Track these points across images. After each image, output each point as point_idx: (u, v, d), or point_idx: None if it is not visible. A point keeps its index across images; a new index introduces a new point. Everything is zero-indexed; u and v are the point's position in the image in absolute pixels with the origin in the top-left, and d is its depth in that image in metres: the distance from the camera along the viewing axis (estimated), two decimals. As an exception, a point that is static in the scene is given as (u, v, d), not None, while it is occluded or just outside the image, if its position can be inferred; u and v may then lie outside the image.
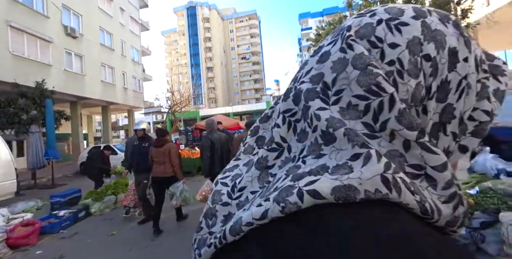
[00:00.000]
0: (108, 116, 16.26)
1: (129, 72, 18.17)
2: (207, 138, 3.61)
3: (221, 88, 52.98)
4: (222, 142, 3.64)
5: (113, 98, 15.70)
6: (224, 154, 3.61)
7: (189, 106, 24.24)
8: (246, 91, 59.71)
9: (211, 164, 3.47)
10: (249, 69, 60.00)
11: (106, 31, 15.32)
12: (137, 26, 20.05)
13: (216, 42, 53.75)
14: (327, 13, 36.35)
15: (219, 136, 3.69)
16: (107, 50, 15.43)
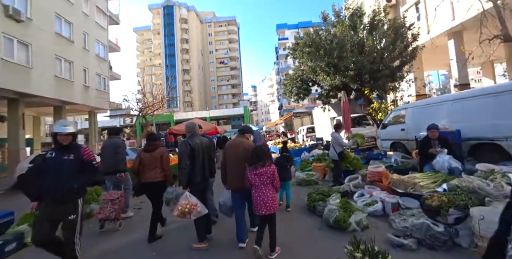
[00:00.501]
0: (62, 118, 13.88)
1: (92, 68, 16.06)
2: (187, 143, 3.10)
3: (198, 92, 51.06)
4: (204, 148, 3.22)
5: (70, 97, 13.54)
6: (206, 162, 3.22)
7: (162, 109, 22.32)
8: (224, 96, 58.49)
9: (191, 173, 3.03)
10: (227, 73, 59.05)
11: (64, 19, 13.26)
12: (104, 18, 18.06)
13: (194, 45, 52.11)
14: (302, 26, 39.59)
15: (200, 141, 3.23)
16: (65, 41, 13.33)
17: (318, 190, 4.29)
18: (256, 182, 2.63)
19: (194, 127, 3.32)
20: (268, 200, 2.59)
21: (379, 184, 4.34)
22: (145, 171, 3.45)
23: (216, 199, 3.72)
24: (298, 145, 10.87)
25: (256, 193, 2.64)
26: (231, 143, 3.30)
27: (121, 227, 3.94)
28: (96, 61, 16.61)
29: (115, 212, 3.76)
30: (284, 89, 14.20)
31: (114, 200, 3.84)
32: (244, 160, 2.88)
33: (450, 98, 5.67)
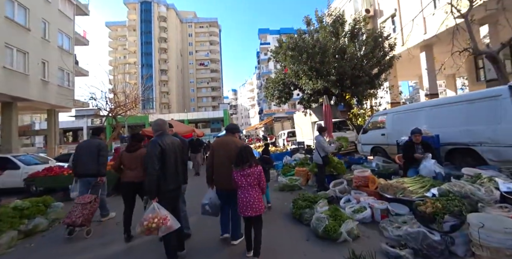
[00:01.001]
0: (12, 116, 12.19)
1: (53, 61, 14.54)
2: (156, 143, 2.62)
3: (176, 93, 49.40)
4: (176, 149, 2.80)
5: (24, 93, 11.93)
6: (179, 166, 2.82)
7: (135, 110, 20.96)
8: (203, 98, 57.26)
9: (162, 179, 2.59)
10: (207, 76, 58.07)
11: (17, 3, 11.70)
12: (70, 7, 16.59)
13: (173, 44, 50.58)
14: (284, 32, 40.79)
15: (172, 141, 2.79)
16: (17, 28, 11.75)
17: (303, 196, 4.05)
18: (242, 183, 2.58)
19: (164, 124, 2.86)
20: (254, 202, 2.55)
21: (366, 189, 4.22)
22: (126, 171, 3.45)
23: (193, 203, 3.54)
24: (280, 149, 10.70)
25: (242, 195, 2.59)
26: (220, 142, 3.14)
27: (89, 236, 3.59)
28: (59, 54, 15.03)
29: (83, 217, 3.45)
30: (266, 92, 14.07)
31: (85, 204, 3.56)
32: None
33: (428, 104, 5.85)
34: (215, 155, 3.05)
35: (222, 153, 3.00)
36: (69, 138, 39.22)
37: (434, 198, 2.87)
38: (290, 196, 5.24)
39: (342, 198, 4.25)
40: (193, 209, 3.84)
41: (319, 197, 3.94)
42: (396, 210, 3.29)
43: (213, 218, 3.17)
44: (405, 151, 4.69)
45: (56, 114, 16.72)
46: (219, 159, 3.00)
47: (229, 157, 2.91)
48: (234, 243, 3.01)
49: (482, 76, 13.21)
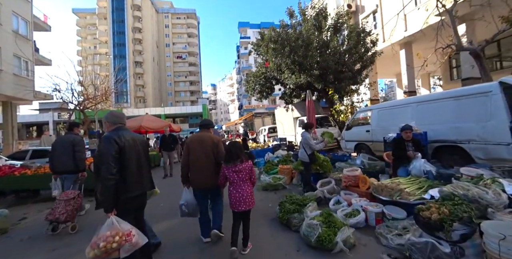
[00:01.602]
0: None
1: (7, 47, 12.77)
2: (111, 140, 2.08)
3: (152, 87, 46.78)
4: (139, 147, 2.29)
5: (-32, 82, 10.26)
6: (144, 167, 2.31)
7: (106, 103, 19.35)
8: (181, 93, 54.99)
9: (121, 185, 2.04)
10: (185, 69, 55.75)
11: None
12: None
13: (148, 35, 47.63)
14: (265, 26, 40.10)
15: (132, 137, 2.26)
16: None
17: (291, 198, 3.61)
18: (234, 179, 2.55)
19: (123, 117, 2.33)
20: (247, 196, 2.56)
21: (356, 190, 3.90)
22: None
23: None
24: (261, 146, 10.26)
25: (234, 190, 2.56)
26: (196, 138, 2.97)
27: (75, 231, 3.54)
28: (13, 39, 13.16)
29: (67, 214, 3.43)
30: (246, 86, 13.48)
31: (69, 200, 3.54)
32: (214, 156, 2.82)
33: (415, 100, 5.70)
34: (191, 152, 2.86)
35: (198, 150, 2.85)
36: (33, 133, 35.58)
37: (437, 202, 2.57)
38: (275, 196, 4.82)
39: (331, 200, 3.89)
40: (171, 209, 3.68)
41: (307, 199, 3.53)
42: (393, 214, 2.98)
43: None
44: (395, 148, 4.44)
45: (13, 106, 14.80)
46: (195, 156, 2.84)
47: (206, 154, 2.82)
48: (221, 235, 2.91)
49: (456, 75, 13.89)
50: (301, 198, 3.54)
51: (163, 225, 3.56)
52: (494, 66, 11.99)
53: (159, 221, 3.63)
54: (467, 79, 9.55)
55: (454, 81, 13.31)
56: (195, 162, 2.82)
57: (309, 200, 3.51)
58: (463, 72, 10.09)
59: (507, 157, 4.02)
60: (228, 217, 2.82)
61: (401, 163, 4.22)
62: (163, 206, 4.61)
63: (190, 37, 57.24)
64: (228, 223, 2.77)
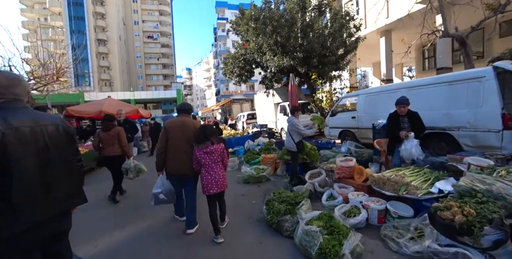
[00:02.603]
0: None
1: None
2: None
3: (120, 69, 42.49)
4: (46, 139, 1.29)
5: None
6: (55, 175, 1.31)
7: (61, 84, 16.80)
8: (153, 76, 51.02)
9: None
10: (157, 51, 51.41)
11: None
12: None
13: (112, 9, 42.35)
14: (244, 8, 37.29)
15: (35, 121, 1.28)
16: None
17: (280, 196, 3.04)
18: (206, 161, 2.50)
19: (15, 84, 1.28)
20: (219, 178, 2.53)
21: (351, 182, 3.46)
22: (104, 147, 3.93)
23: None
24: (240, 133, 9.57)
25: (206, 172, 2.51)
26: (176, 124, 2.79)
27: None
28: None
29: None
30: (224, 69, 12.42)
31: None
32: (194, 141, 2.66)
33: (405, 86, 5.37)
34: (171, 138, 2.70)
35: (179, 136, 2.70)
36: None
37: (454, 199, 2.17)
38: (258, 190, 4.25)
39: (324, 194, 3.42)
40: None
41: (299, 196, 2.99)
42: (399, 211, 2.57)
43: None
44: (389, 126, 3.99)
45: None
46: (176, 142, 2.69)
47: (188, 140, 2.68)
48: (190, 232, 2.78)
49: (427, 66, 14.25)
50: (291, 195, 2.99)
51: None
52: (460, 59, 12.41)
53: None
54: (441, 68, 9.69)
55: (426, 71, 13.65)
56: (175, 148, 2.67)
57: (301, 197, 2.97)
58: (438, 62, 10.22)
59: (496, 144, 3.87)
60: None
61: (398, 144, 3.77)
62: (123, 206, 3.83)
63: (162, 15, 52.33)
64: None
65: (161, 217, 3.30)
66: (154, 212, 3.42)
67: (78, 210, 1.58)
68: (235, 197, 3.96)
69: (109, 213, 3.65)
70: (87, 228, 3.07)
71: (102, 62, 40.94)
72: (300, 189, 3.58)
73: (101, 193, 4.25)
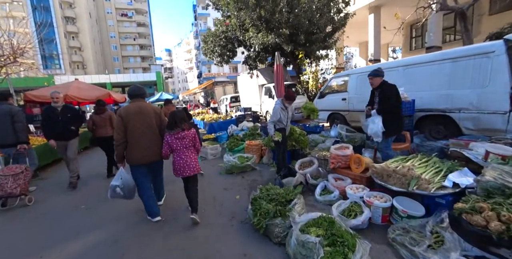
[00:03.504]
0: None
1: None
2: None
3: (92, 50, 38.65)
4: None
5: None
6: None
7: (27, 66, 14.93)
8: (130, 58, 47.26)
9: None
10: (132, 30, 47.11)
11: None
12: None
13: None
14: None
15: None
16: None
17: (268, 192, 2.51)
18: (178, 146, 2.45)
19: None
20: (191, 162, 2.48)
21: (347, 173, 3.00)
22: (97, 129, 4.33)
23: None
24: (223, 117, 8.85)
25: (178, 157, 2.47)
26: (134, 110, 2.50)
27: (32, 202, 3.45)
28: None
29: (20, 187, 3.27)
30: (204, 48, 11.26)
31: (17, 174, 3.32)
32: (158, 127, 2.59)
33: (402, 64, 4.84)
34: (131, 126, 2.47)
35: (139, 122, 2.50)
36: None
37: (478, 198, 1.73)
38: (243, 182, 3.71)
39: (317, 187, 2.95)
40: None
41: (291, 193, 2.47)
42: (409, 210, 2.13)
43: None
44: (368, 103, 3.58)
45: None
46: (137, 129, 2.48)
47: (148, 126, 2.53)
48: (160, 203, 2.92)
49: (414, 46, 13.87)
50: (282, 192, 2.46)
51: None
52: (448, 38, 12.09)
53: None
54: (431, 47, 9.30)
55: (413, 51, 13.28)
56: (138, 136, 2.49)
57: (293, 194, 2.45)
58: (428, 40, 9.80)
59: (501, 127, 3.52)
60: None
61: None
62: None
63: (135, -11, 47.28)
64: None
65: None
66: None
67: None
68: (216, 191, 3.41)
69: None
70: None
71: (72, 43, 36.91)
72: (290, 182, 3.08)
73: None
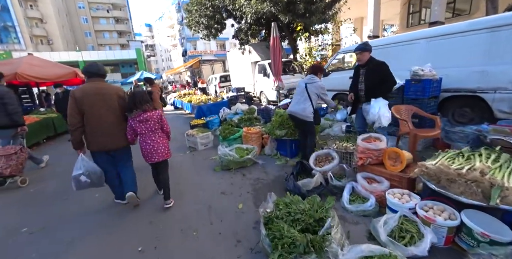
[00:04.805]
0: None
1: None
2: None
3: (58, 23, 33.95)
4: None
5: None
6: None
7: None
8: (104, 33, 42.46)
9: None
10: (105, 1, 41.67)
11: None
12: None
13: None
14: None
15: None
16: None
17: (287, 207, 1.79)
18: (142, 130, 2.29)
19: None
20: (159, 147, 2.34)
21: (380, 171, 2.34)
22: None
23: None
24: (213, 99, 7.85)
25: (144, 142, 2.33)
26: (92, 91, 2.22)
27: (26, 184, 3.43)
28: None
29: (11, 168, 3.26)
30: (188, 19, 9.71)
31: (9, 155, 3.29)
32: (121, 111, 2.34)
33: (425, 35, 4.04)
34: (89, 109, 2.17)
35: (99, 105, 2.21)
36: None
37: None
38: (244, 182, 2.97)
39: (344, 191, 2.28)
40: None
41: (320, 209, 1.77)
42: (492, 233, 1.51)
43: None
44: (352, 80, 3.15)
45: None
46: (98, 113, 2.20)
47: (111, 109, 2.27)
48: (138, 199, 2.53)
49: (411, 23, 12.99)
50: (308, 209, 1.73)
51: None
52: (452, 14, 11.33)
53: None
54: (435, 22, 8.52)
55: (410, 28, 12.45)
56: (98, 120, 2.21)
57: (325, 210, 1.75)
58: (432, 14, 8.97)
59: (546, 110, 2.98)
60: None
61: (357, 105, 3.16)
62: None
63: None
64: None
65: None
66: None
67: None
68: (211, 196, 2.66)
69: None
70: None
71: (30, 12, 31.98)
72: (308, 185, 2.38)
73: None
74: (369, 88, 2.77)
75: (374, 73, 2.68)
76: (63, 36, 34.80)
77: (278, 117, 3.65)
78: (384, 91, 2.78)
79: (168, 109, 11.83)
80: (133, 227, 2.21)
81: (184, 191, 2.85)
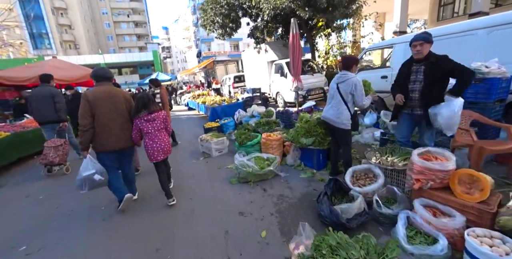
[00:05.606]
0: None
1: None
2: None
3: (84, 28, 35.51)
4: None
5: None
6: None
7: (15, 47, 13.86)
8: (125, 36, 43.82)
9: None
10: (125, 6, 43.05)
11: None
12: None
13: None
14: None
15: None
16: None
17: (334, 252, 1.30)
18: (149, 129, 2.35)
19: None
20: (165, 145, 2.43)
21: (446, 199, 1.76)
22: None
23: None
24: (227, 100, 7.46)
25: (150, 141, 2.37)
26: (102, 94, 2.30)
27: (69, 172, 3.92)
28: None
29: (59, 158, 3.71)
30: (203, 18, 9.40)
31: (57, 147, 3.73)
32: (129, 113, 2.43)
33: (484, 25, 3.35)
34: (100, 111, 2.26)
35: (109, 108, 2.30)
36: None
37: None
38: (265, 200, 2.50)
39: (399, 224, 1.73)
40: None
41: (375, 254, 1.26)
42: None
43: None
44: (396, 80, 2.53)
45: None
46: (108, 115, 2.29)
47: (119, 112, 2.37)
48: (135, 198, 2.69)
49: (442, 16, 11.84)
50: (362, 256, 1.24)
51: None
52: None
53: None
54: (476, 13, 7.55)
55: (441, 22, 11.33)
56: (108, 122, 2.29)
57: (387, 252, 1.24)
58: (473, 4, 7.98)
59: None
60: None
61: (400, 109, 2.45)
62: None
63: (124, -42, 42.14)
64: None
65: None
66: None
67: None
68: (227, 218, 2.21)
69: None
70: None
71: (61, 20, 33.72)
72: (349, 211, 1.87)
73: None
74: (430, 87, 2.13)
75: (436, 69, 2.08)
76: (88, 40, 36.31)
77: (303, 123, 3.13)
78: (466, 85, 2.03)
79: (182, 109, 11.63)
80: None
81: (198, 208, 2.45)
